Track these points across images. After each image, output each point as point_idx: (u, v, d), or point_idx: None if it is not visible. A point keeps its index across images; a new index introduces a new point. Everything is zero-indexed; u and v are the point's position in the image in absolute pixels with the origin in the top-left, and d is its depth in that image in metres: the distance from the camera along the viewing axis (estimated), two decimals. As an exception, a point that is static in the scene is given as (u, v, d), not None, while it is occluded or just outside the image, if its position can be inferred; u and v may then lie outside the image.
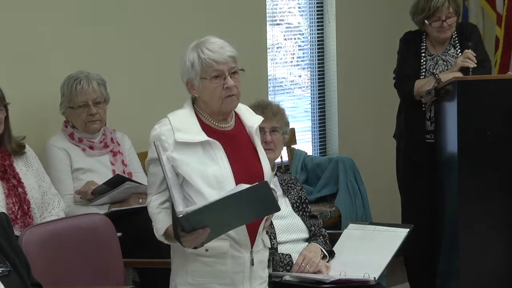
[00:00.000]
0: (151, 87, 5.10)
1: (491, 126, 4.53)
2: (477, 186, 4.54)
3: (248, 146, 3.35)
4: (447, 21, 4.82)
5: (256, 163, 3.34)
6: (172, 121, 3.25)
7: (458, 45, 4.92)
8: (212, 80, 3.24)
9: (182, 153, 3.19)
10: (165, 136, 3.22)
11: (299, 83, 6.22)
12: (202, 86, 3.26)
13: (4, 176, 3.99)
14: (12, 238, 2.83)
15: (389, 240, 3.99)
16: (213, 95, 3.26)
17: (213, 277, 3.25)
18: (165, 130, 3.23)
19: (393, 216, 5.62)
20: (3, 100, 4.01)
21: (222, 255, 3.23)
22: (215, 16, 5.34)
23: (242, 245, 3.25)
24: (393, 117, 5.12)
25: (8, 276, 2.73)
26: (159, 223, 3.22)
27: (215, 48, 3.25)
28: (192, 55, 3.26)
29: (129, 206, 4.33)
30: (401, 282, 5.61)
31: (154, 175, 3.27)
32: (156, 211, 3.23)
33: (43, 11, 4.66)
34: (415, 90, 4.80)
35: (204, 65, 3.23)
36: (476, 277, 4.57)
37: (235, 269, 3.26)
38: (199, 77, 3.24)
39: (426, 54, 4.94)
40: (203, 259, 3.24)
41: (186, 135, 3.22)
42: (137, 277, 4.40)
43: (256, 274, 3.32)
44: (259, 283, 3.35)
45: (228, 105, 3.29)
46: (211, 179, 3.18)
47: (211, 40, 3.29)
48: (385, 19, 6.29)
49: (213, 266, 3.24)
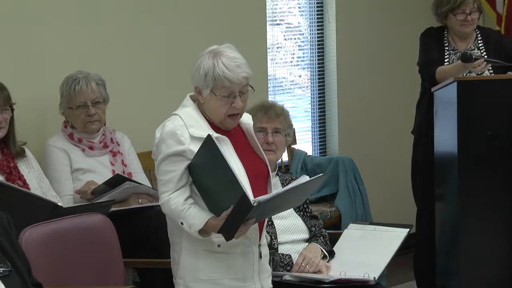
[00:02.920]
0: (151, 87, 5.10)
1: (491, 126, 4.52)
2: (477, 186, 4.54)
3: (246, 144, 3.37)
4: (471, 15, 4.90)
5: (258, 159, 3.36)
6: (184, 117, 3.26)
7: (483, 48, 4.99)
8: (221, 98, 3.23)
9: (196, 148, 3.19)
10: (180, 131, 3.21)
11: (299, 83, 6.22)
12: (210, 98, 3.25)
13: (10, 177, 4.03)
14: (13, 238, 2.83)
15: (389, 240, 4.00)
16: (218, 110, 3.26)
17: (225, 272, 3.27)
18: (178, 125, 3.23)
19: (393, 216, 5.62)
20: (9, 100, 4.04)
21: (233, 250, 3.25)
22: (215, 16, 5.34)
23: (251, 240, 3.28)
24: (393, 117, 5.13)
25: (9, 276, 2.73)
26: (193, 219, 3.19)
27: (231, 66, 3.22)
28: (207, 64, 3.22)
29: (129, 206, 4.33)
30: (401, 282, 5.62)
31: (171, 172, 3.23)
32: (184, 208, 3.21)
33: (43, 11, 4.66)
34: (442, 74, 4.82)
35: (217, 81, 3.21)
36: (476, 277, 4.57)
37: (246, 263, 3.28)
38: (209, 89, 3.23)
39: (449, 48, 5.01)
40: (214, 254, 3.26)
41: (197, 130, 3.22)
42: (137, 277, 4.40)
43: (263, 267, 3.36)
44: (267, 276, 3.39)
45: (229, 123, 3.30)
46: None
47: (230, 54, 3.25)
48: (385, 19, 6.29)
49: (225, 261, 3.26)
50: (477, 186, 4.54)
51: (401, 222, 4.26)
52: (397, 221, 4.32)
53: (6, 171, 4.04)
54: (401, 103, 6.14)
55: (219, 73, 3.20)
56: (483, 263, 4.56)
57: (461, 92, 4.51)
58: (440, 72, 4.85)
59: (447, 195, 4.71)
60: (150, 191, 4.43)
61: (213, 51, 3.26)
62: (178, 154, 3.20)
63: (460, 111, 4.51)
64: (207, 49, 3.30)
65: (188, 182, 3.24)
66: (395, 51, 6.31)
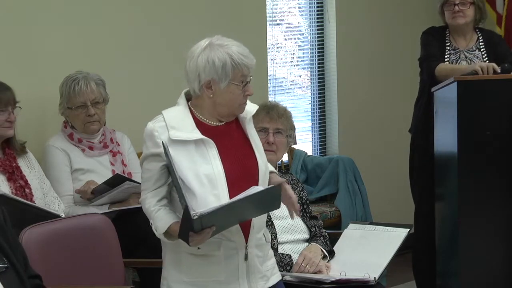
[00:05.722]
0: (150, 87, 5.10)
1: (491, 126, 4.53)
2: (477, 186, 4.54)
3: (241, 141, 3.31)
4: (459, 5, 4.96)
5: (250, 158, 3.29)
6: (167, 118, 3.23)
7: (484, 49, 5.03)
8: (238, 86, 3.21)
9: (176, 150, 3.16)
10: (158, 133, 3.20)
11: (299, 83, 6.22)
12: (226, 89, 3.21)
13: (12, 177, 4.06)
14: (9, 234, 2.82)
15: (389, 240, 3.99)
16: (234, 100, 3.23)
17: (207, 274, 3.24)
18: (158, 126, 3.21)
19: (393, 216, 5.62)
20: (15, 101, 4.07)
21: (214, 253, 3.22)
22: (215, 16, 5.34)
23: (236, 242, 3.23)
24: (393, 117, 5.13)
25: (5, 273, 2.73)
26: (159, 221, 3.20)
27: (245, 52, 3.22)
28: (222, 55, 3.19)
29: (129, 206, 4.33)
30: (401, 282, 5.62)
31: (149, 171, 3.24)
32: (154, 209, 3.22)
33: (43, 11, 4.66)
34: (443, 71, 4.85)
35: (235, 69, 3.19)
36: (476, 277, 4.57)
37: (229, 266, 3.24)
38: (228, 80, 3.20)
39: (450, 48, 5.04)
40: (196, 257, 3.23)
41: (180, 133, 3.19)
42: (137, 277, 4.40)
43: (253, 269, 3.29)
44: (259, 277, 3.31)
45: (240, 111, 3.29)
46: (202, 178, 3.16)
47: (234, 42, 3.24)
48: (385, 19, 6.29)
49: (206, 264, 3.23)
50: (477, 186, 4.54)
51: (401, 222, 4.26)
52: (397, 221, 4.32)
53: (8, 171, 4.06)
54: (401, 103, 6.14)
55: (238, 61, 3.18)
56: (483, 263, 4.56)
57: (461, 92, 4.51)
58: (441, 70, 4.87)
59: (447, 195, 4.71)
60: (150, 191, 4.43)
61: (215, 43, 3.22)
62: (155, 155, 3.20)
63: (460, 111, 4.51)
64: (200, 44, 3.24)
65: (166, 183, 3.24)
66: (395, 51, 6.31)
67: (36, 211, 3.91)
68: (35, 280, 2.90)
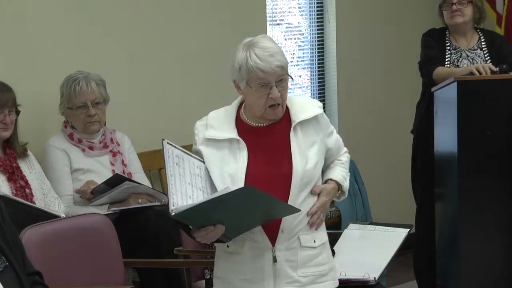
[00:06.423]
0: (151, 87, 5.09)
1: (491, 126, 4.53)
2: (477, 186, 4.54)
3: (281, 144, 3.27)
4: (457, 4, 4.96)
5: (284, 162, 3.25)
6: (209, 117, 3.31)
7: (486, 49, 5.03)
8: (257, 89, 3.19)
9: (209, 148, 3.23)
10: (197, 130, 3.29)
11: (299, 83, 6.21)
12: (247, 91, 3.22)
13: (12, 177, 4.07)
14: (7, 232, 2.82)
15: (389, 240, 3.99)
16: (257, 102, 3.22)
17: (234, 272, 3.26)
18: (199, 125, 3.30)
19: (393, 216, 5.62)
20: (14, 103, 4.07)
21: (241, 251, 3.24)
22: (215, 17, 5.34)
23: (258, 242, 3.22)
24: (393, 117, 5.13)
25: (4, 272, 2.73)
26: None
27: (264, 56, 3.18)
28: (241, 57, 3.20)
29: (129, 206, 4.33)
30: (401, 282, 5.61)
31: None
32: None
33: (43, 11, 4.66)
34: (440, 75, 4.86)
35: (250, 73, 3.17)
36: (476, 277, 4.57)
37: (254, 265, 3.24)
38: (245, 82, 3.20)
39: (450, 47, 5.05)
40: (226, 254, 3.27)
41: (214, 132, 3.25)
42: (137, 277, 4.40)
43: (281, 272, 3.24)
44: (285, 282, 3.25)
45: (270, 115, 3.25)
46: (225, 177, 3.19)
47: (263, 44, 3.22)
48: (385, 19, 6.29)
49: (233, 262, 3.26)
50: (477, 186, 4.54)
51: (401, 222, 4.26)
52: (397, 221, 4.32)
53: (8, 171, 4.07)
54: (401, 103, 6.14)
55: (252, 64, 3.16)
56: (483, 263, 4.56)
57: (461, 92, 4.51)
58: (439, 74, 4.88)
59: (447, 195, 4.71)
60: (149, 191, 4.43)
61: (248, 42, 3.24)
62: (195, 152, 3.29)
63: (460, 111, 4.51)
64: (243, 41, 3.27)
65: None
66: (395, 51, 6.31)
67: (36, 212, 3.91)
68: (34, 277, 2.89)
